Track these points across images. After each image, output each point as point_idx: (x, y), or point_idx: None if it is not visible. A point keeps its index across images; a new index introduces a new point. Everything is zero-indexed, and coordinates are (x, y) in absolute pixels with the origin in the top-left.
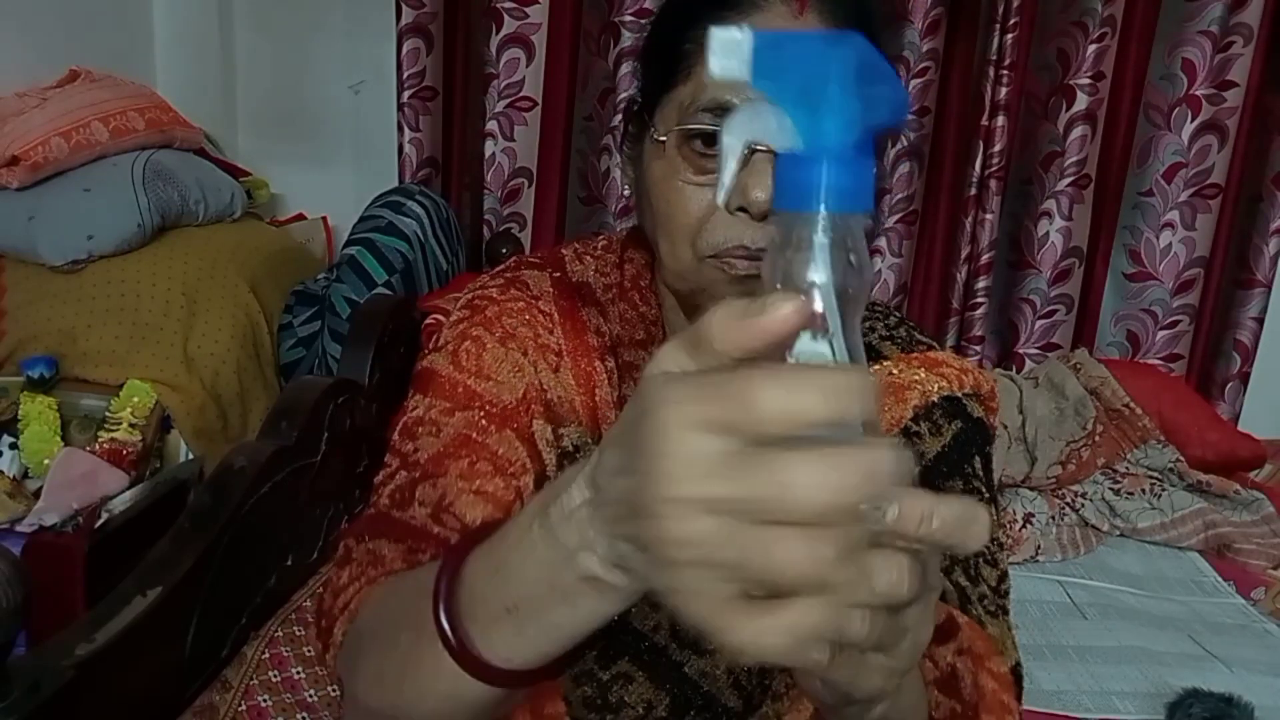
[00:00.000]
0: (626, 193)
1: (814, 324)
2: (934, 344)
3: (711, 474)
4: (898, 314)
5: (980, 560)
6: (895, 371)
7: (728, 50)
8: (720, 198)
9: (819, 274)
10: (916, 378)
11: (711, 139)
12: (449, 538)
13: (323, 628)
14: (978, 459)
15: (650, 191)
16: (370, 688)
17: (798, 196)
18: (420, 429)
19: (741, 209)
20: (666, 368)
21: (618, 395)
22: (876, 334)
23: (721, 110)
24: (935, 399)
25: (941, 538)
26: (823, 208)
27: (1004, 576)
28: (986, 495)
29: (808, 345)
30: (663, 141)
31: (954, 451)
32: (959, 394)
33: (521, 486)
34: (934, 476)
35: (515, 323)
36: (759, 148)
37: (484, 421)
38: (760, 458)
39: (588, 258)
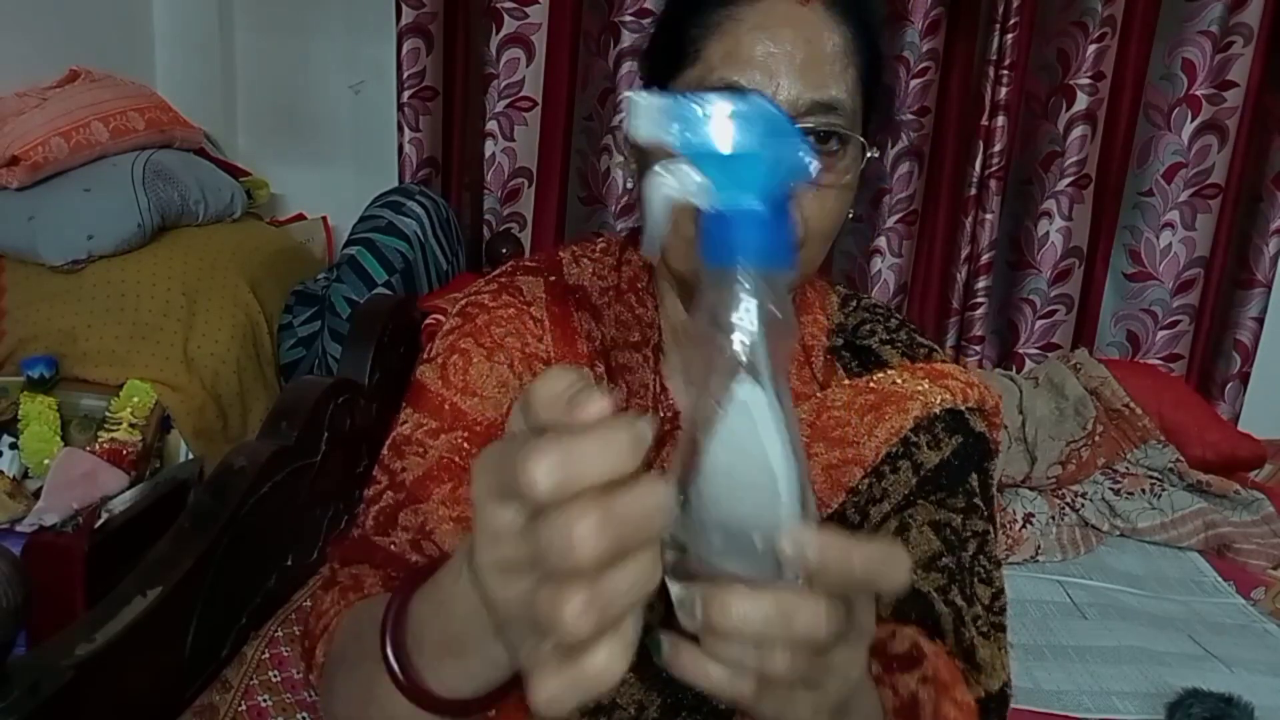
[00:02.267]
0: (629, 185)
1: (749, 371)
2: (935, 347)
3: (508, 541)
4: (898, 316)
5: (975, 579)
6: (899, 381)
7: (649, 114)
8: (645, 249)
9: (746, 324)
10: (920, 388)
11: None
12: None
13: (306, 648)
14: (975, 476)
15: None
16: (341, 711)
17: (721, 253)
18: (408, 448)
19: None
20: (510, 427)
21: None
22: (877, 337)
23: (728, 89)
24: (937, 410)
25: (859, 576)
26: (744, 263)
27: (998, 594)
28: (984, 512)
29: (739, 394)
30: None
31: (953, 466)
32: (962, 407)
33: None
34: (930, 489)
35: (504, 332)
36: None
37: (465, 445)
38: (542, 519)
39: (585, 260)
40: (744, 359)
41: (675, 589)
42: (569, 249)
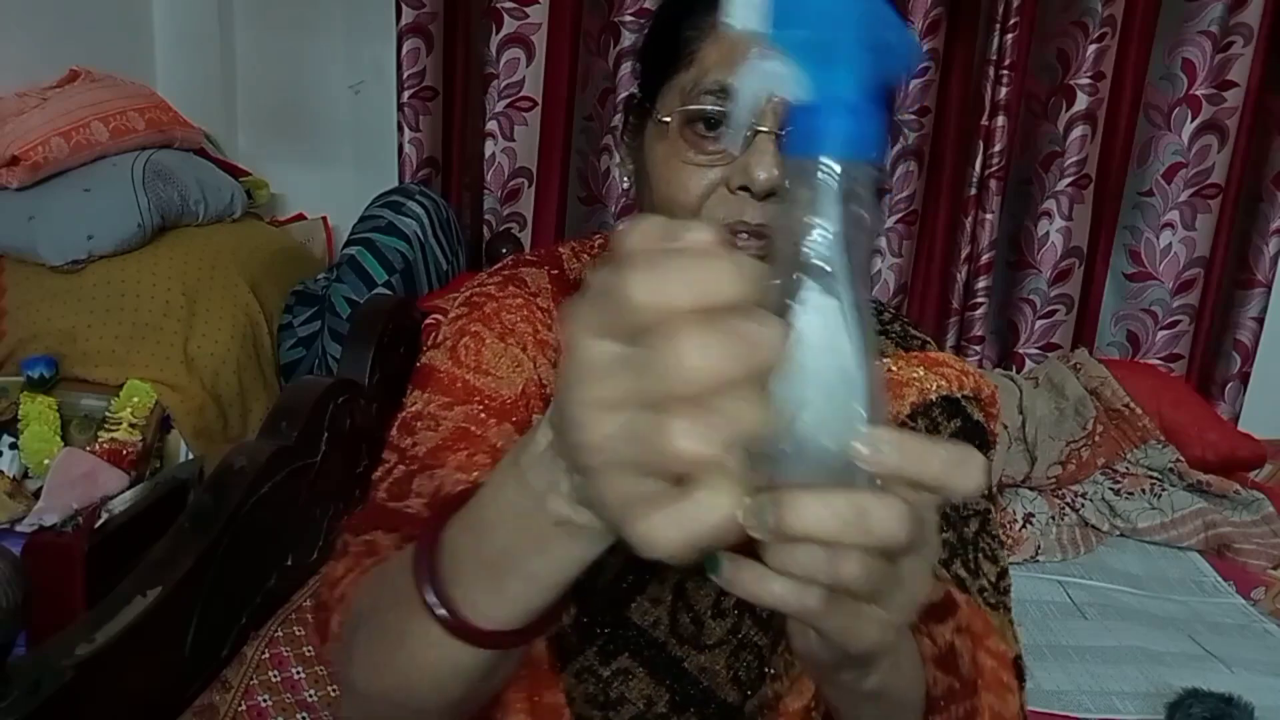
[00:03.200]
0: (626, 185)
1: (819, 272)
2: (929, 340)
3: (608, 374)
4: (892, 310)
5: (980, 555)
6: (894, 368)
7: (744, 3)
8: (727, 143)
9: (826, 219)
10: (915, 375)
11: (712, 121)
12: None
13: (320, 620)
14: None
15: (651, 174)
16: (364, 672)
17: (807, 143)
18: (419, 424)
19: (743, 188)
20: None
21: None
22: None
23: (723, 92)
24: (933, 398)
25: (936, 477)
26: (830, 155)
27: (1004, 573)
28: (985, 491)
29: (814, 294)
30: (666, 123)
31: None
32: (958, 395)
33: None
34: None
35: (514, 318)
36: (761, 128)
37: (483, 415)
38: (646, 348)
39: (585, 256)
40: (825, 257)
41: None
42: (568, 244)
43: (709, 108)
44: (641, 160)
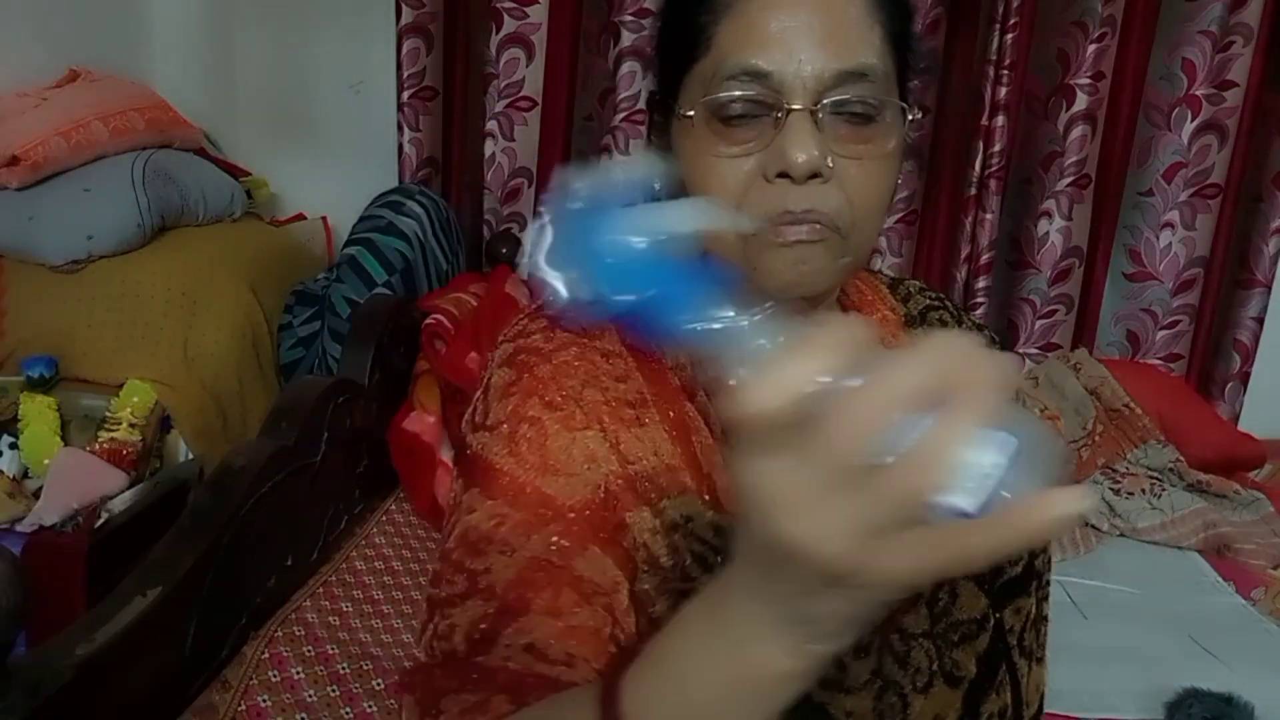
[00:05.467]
0: (657, 188)
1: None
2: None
3: (854, 521)
4: (946, 296)
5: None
6: None
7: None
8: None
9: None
10: None
11: (739, 109)
12: (556, 676)
13: None
14: None
15: (685, 173)
16: None
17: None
18: (488, 546)
19: (782, 174)
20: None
21: (721, 430)
22: (919, 306)
23: (746, 75)
24: None
25: None
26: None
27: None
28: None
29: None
30: (690, 117)
31: None
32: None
33: (614, 604)
34: None
35: (577, 383)
36: (793, 107)
37: (564, 542)
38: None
39: None
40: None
41: None
42: None
43: (734, 94)
44: (672, 159)
